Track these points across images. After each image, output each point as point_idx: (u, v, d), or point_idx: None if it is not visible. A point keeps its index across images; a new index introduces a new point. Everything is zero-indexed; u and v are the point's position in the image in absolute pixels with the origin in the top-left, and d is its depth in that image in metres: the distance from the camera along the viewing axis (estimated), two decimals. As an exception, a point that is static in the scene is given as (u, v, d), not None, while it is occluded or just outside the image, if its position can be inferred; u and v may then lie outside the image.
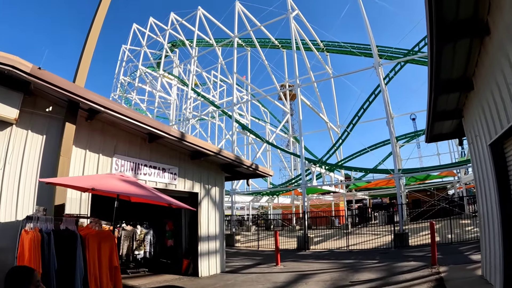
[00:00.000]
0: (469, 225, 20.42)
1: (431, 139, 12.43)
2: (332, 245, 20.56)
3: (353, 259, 15.70)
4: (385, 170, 22.64)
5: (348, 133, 26.72)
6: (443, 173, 36.69)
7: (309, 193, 39.18)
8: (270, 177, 47.07)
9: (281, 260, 15.45)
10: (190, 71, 39.91)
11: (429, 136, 12.07)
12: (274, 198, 39.56)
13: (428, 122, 10.28)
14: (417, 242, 18.86)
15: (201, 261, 12.63)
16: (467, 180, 33.22)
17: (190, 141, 11.04)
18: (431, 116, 9.71)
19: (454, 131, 11.68)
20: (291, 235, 23.56)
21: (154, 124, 10.10)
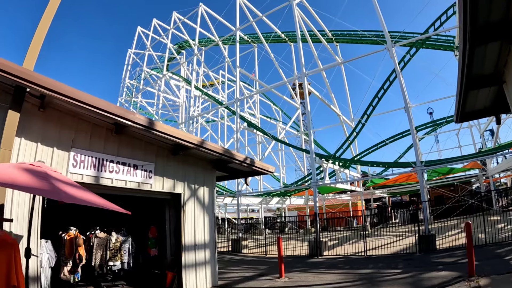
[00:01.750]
0: (500, 222, 17.90)
1: (462, 117, 10.07)
2: (348, 250, 18.25)
3: (372, 267, 13.40)
4: (406, 163, 20.25)
5: (363, 125, 24.32)
6: (468, 165, 34.28)
7: (324, 192, 36.94)
8: (282, 176, 45.48)
9: (288, 270, 13.48)
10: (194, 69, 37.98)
11: (460, 114, 9.70)
12: (286, 199, 37.20)
13: (460, 91, 8.00)
14: (445, 245, 16.46)
15: (186, 274, 10.53)
16: (495, 172, 30.63)
17: (161, 130, 8.92)
18: (464, 83, 7.48)
19: (490, 106, 9.44)
20: (305, 239, 21.28)
21: (113, 109, 8.04)
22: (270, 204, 38.72)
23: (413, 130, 19.25)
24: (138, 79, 50.98)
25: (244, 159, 11.49)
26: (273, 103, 46.53)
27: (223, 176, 13.90)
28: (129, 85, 52.31)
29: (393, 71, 23.20)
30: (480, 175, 34.78)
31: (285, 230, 34.39)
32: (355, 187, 31.34)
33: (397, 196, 48.98)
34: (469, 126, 37.19)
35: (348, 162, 25.46)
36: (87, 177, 8.44)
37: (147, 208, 12.25)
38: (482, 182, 36.07)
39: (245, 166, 11.78)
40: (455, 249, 15.26)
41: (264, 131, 29.96)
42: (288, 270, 13.86)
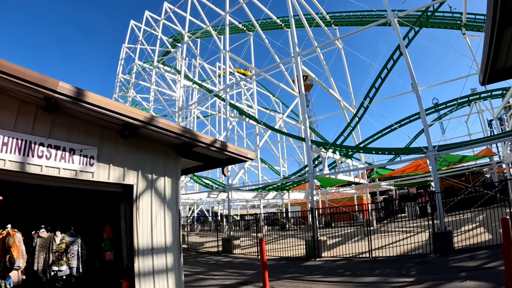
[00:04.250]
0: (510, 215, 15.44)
1: (491, 76, 7.52)
2: (351, 250, 15.82)
3: (378, 274, 11.03)
4: (417, 149, 17.77)
5: (366, 109, 21.83)
6: (481, 152, 32.08)
7: (326, 185, 34.64)
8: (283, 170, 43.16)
9: (277, 276, 11.56)
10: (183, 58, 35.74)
11: (489, 70, 7.18)
12: (284, 193, 34.75)
13: (492, 29, 5.53)
14: (462, 243, 14.05)
15: (141, 284, 8.22)
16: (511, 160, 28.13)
17: (91, 102, 6.61)
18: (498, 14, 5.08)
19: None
20: (306, 236, 18.93)
21: (32, 76, 5.78)
22: (267, 198, 36.22)
23: (422, 111, 16.84)
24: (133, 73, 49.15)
25: (212, 141, 9.13)
26: (272, 94, 44.25)
27: (198, 166, 11.61)
28: (123, 80, 50.45)
29: (397, 49, 20.84)
30: (493, 163, 32.46)
31: (286, 227, 32.07)
32: (359, 179, 28.88)
33: (404, 188, 46.80)
34: (480, 111, 34.84)
35: (350, 150, 22.87)
36: (11, 163, 6.31)
37: (103, 203, 10.01)
38: (495, 171, 33.73)
39: (215, 151, 9.43)
40: (476, 249, 12.86)
41: (256, 118, 27.51)
42: (276, 276, 11.73)
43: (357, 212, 29.56)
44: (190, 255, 20.10)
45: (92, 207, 10.09)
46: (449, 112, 36.00)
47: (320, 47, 25.84)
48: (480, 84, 7.47)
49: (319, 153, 20.50)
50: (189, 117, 40.26)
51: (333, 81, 27.77)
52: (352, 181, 27.53)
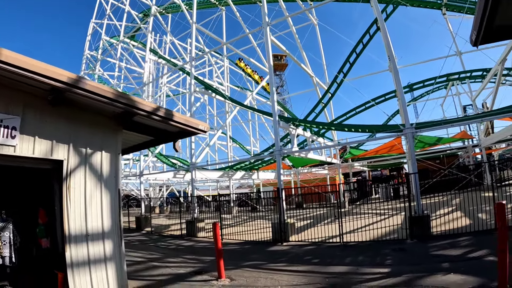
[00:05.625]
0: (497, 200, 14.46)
1: (486, 36, 6.15)
2: (321, 233, 14.55)
3: (349, 263, 9.79)
4: (393, 126, 16.66)
5: (339, 85, 20.55)
6: (457, 135, 31.58)
7: (297, 165, 33.50)
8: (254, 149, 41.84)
9: (236, 264, 10.38)
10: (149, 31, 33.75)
11: (484, 28, 5.82)
12: (253, 173, 33.41)
13: None
14: (440, 228, 12.97)
15: (74, 275, 6.78)
16: (489, 144, 27.58)
17: None
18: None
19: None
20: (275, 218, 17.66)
21: None
22: (236, 179, 34.82)
23: (400, 85, 15.56)
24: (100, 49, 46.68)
25: (154, 109, 7.63)
26: (244, 72, 42.67)
27: (149, 141, 10.13)
28: (89, 56, 47.98)
29: (374, 22, 19.57)
30: (469, 147, 31.94)
31: (257, 208, 30.87)
32: (331, 159, 27.77)
33: (377, 170, 46.25)
34: (457, 94, 34.23)
35: (321, 127, 21.49)
36: None
37: (37, 183, 8.48)
38: (471, 154, 33.27)
39: (159, 121, 7.94)
40: (456, 235, 11.81)
41: (222, 94, 25.86)
42: (236, 264, 10.49)
43: (329, 193, 28.49)
44: (152, 239, 18.71)
45: (26, 188, 8.58)
46: (425, 94, 35.35)
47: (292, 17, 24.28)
48: (472, 45, 6.02)
49: (288, 129, 19.07)
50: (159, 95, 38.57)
51: (306, 56, 26.38)
52: (324, 161, 26.42)
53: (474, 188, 22.38)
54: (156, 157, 32.43)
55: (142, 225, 24.01)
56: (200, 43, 31.57)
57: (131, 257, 12.73)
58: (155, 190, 48.61)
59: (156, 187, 48.47)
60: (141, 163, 28.50)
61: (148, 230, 22.78)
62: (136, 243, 17.54)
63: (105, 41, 42.49)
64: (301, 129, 20.46)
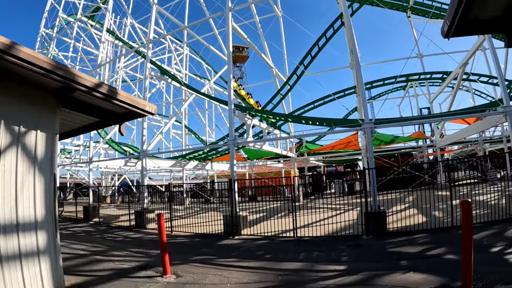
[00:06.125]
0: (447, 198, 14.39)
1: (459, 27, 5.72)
2: (274, 227, 14.07)
3: (303, 259, 9.26)
4: (352, 121, 16.41)
5: (298, 77, 20.06)
6: (413, 135, 32.27)
7: (252, 157, 33.06)
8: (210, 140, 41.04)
9: (185, 259, 9.73)
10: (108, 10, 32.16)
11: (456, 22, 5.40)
12: (206, 163, 32.60)
13: None
14: (396, 225, 12.76)
15: (4, 271, 5.90)
16: (443, 144, 28.14)
17: None
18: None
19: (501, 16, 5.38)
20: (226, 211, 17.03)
21: None
22: (189, 169, 33.79)
23: (361, 79, 15.17)
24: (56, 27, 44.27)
25: (96, 84, 6.80)
26: (203, 60, 41.70)
27: (94, 123, 9.22)
28: (44, 34, 45.48)
29: (339, 17, 19.55)
30: (424, 146, 32.47)
31: (211, 199, 30.09)
32: (287, 152, 27.38)
33: (333, 165, 46.47)
34: (415, 95, 34.78)
35: (278, 118, 20.92)
36: None
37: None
38: (426, 154, 33.93)
39: (101, 98, 7.07)
40: (412, 232, 11.59)
41: (178, 79, 24.84)
42: (184, 259, 9.79)
43: (284, 186, 28.16)
44: (99, 230, 17.61)
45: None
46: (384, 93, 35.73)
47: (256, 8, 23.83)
48: (443, 36, 5.58)
49: (244, 119, 18.40)
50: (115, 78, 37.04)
51: (267, 47, 25.79)
52: (280, 154, 25.95)
53: (428, 187, 22.61)
54: (107, 143, 31.02)
55: (90, 215, 22.76)
56: (161, 27, 30.54)
57: (74, 250, 11.84)
58: (107, 179, 47.01)
59: (109, 175, 46.92)
60: (91, 149, 27.05)
61: (96, 220, 21.59)
62: (82, 234, 16.48)
63: (62, 18, 39.99)
64: (257, 120, 19.87)
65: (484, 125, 18.55)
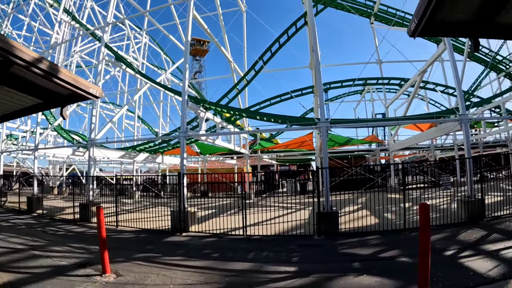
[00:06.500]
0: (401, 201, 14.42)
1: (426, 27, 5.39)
2: (224, 224, 13.48)
3: (252, 259, 8.80)
4: (308, 119, 16.19)
5: (256, 72, 19.62)
6: (367, 138, 32.71)
7: (205, 152, 32.37)
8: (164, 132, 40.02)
9: (127, 256, 9.13)
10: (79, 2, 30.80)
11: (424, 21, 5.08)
12: (157, 156, 31.64)
13: None
14: (348, 225, 12.47)
15: None
16: (396, 149, 28.62)
17: None
18: None
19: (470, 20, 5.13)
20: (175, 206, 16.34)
21: None
22: (139, 161, 32.66)
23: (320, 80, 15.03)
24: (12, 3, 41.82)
25: (35, 59, 6.04)
26: (161, 50, 40.63)
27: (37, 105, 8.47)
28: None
29: (302, 16, 19.35)
30: (377, 150, 32.89)
31: (161, 194, 29.17)
32: (240, 149, 26.92)
33: (286, 164, 46.47)
34: (371, 100, 35.31)
35: (233, 112, 20.59)
36: None
37: None
38: (378, 157, 34.44)
39: (43, 76, 6.38)
40: (364, 233, 11.41)
41: (133, 67, 23.84)
42: (127, 256, 9.19)
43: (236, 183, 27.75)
44: (41, 223, 16.48)
45: None
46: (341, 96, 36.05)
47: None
48: (409, 34, 5.29)
49: (197, 111, 17.73)
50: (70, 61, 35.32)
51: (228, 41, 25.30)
52: (233, 150, 25.39)
53: (380, 189, 22.81)
54: (55, 130, 29.48)
55: (34, 206, 21.31)
56: (121, 12, 29.48)
57: (11, 244, 10.99)
58: (55, 169, 45.02)
59: (57, 165, 44.93)
60: (37, 135, 25.47)
61: (40, 212, 20.26)
62: (22, 227, 15.39)
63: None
64: (212, 113, 19.29)
65: (438, 132, 18.97)
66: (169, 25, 30.03)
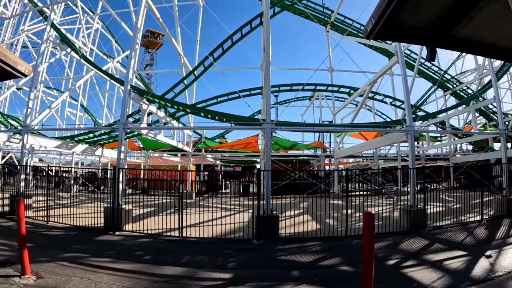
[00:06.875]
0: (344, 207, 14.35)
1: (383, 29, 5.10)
2: (161, 224, 12.88)
3: (186, 263, 8.28)
4: (253, 119, 15.84)
5: (205, 68, 18.99)
6: (313, 144, 32.95)
7: (148, 148, 31.32)
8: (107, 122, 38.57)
9: (56, 254, 8.60)
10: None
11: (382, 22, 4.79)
12: (96, 148, 30.03)
13: None
14: (289, 230, 12.43)
15: None
16: (341, 156, 28.95)
17: None
18: None
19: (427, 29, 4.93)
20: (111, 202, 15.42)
21: None
22: (77, 153, 30.90)
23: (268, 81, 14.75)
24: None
25: None
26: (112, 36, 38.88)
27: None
28: None
29: (258, 16, 19.20)
30: (322, 156, 33.12)
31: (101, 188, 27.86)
32: (184, 146, 26.13)
33: (230, 165, 46.09)
34: (320, 106, 35.67)
35: (177, 107, 19.59)
36: None
37: None
38: (323, 164, 34.78)
39: None
40: (305, 239, 11.16)
41: (77, 50, 22.44)
42: (53, 256, 8.44)
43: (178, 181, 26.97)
44: (-39, 217, 15.20)
45: None
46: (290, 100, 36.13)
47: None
48: (365, 36, 5.06)
49: (140, 103, 16.86)
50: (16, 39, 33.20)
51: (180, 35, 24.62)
52: (176, 147, 24.60)
53: (323, 195, 22.84)
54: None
55: (-41, 198, 19.68)
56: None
57: None
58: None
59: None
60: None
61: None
62: None
63: None
64: (156, 107, 18.54)
65: (384, 142, 19.29)
66: (123, 12, 28.93)
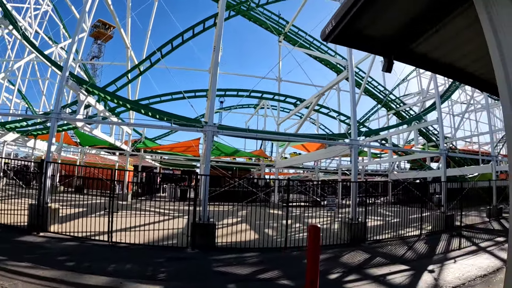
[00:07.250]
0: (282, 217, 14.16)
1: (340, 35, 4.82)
2: (91, 226, 12.08)
3: (112, 272, 7.66)
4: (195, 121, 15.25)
5: (152, 64, 18.18)
6: (255, 152, 32.93)
7: (85, 144, 29.93)
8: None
9: None
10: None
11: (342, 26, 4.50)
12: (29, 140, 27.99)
13: None
14: (226, 239, 11.91)
15: None
16: (282, 166, 28.97)
17: None
18: None
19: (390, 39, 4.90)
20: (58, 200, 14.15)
21: None
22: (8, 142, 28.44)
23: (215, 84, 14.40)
24: None
25: None
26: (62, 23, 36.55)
27: None
28: None
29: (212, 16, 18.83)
30: (263, 165, 33.07)
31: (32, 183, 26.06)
32: (122, 144, 25.04)
33: (169, 168, 45.05)
34: (265, 115, 35.88)
35: (117, 101, 18.40)
36: None
37: None
38: (263, 173, 34.82)
39: None
40: (242, 250, 10.78)
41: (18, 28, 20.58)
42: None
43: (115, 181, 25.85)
44: None
45: None
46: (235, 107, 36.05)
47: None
48: (322, 38, 4.75)
49: (78, 93, 15.75)
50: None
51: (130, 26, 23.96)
52: (114, 144, 23.56)
53: (262, 204, 22.71)
54: None
55: None
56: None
57: None
58: None
59: None
60: None
61: None
62: None
63: None
64: (95, 100, 17.52)
65: (327, 154, 19.59)
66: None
